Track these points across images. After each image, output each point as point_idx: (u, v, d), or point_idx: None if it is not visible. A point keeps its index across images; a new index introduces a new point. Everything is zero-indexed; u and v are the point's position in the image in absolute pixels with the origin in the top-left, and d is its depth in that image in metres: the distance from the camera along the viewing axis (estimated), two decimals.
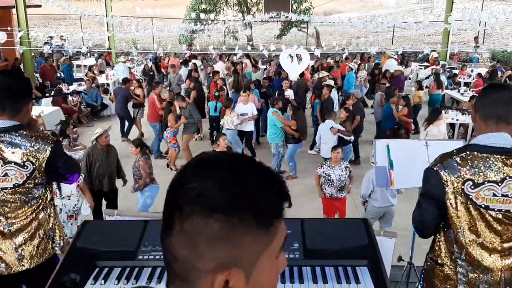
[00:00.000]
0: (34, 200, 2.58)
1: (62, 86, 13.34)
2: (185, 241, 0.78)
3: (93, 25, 25.77)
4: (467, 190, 2.11)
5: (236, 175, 0.79)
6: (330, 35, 26.15)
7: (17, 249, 2.58)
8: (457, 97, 13.17)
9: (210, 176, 0.79)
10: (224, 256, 0.77)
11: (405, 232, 4.83)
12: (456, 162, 2.13)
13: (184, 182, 0.80)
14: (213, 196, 0.77)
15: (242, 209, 0.77)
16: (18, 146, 2.43)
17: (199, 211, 0.77)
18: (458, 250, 2.24)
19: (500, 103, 2.10)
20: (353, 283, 2.15)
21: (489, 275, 2.20)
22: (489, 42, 24.23)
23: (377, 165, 4.12)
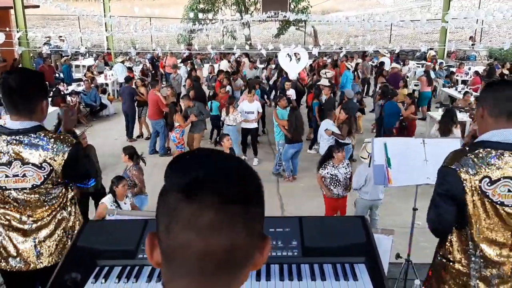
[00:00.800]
0: (53, 199, 2.59)
1: (61, 86, 13.35)
2: (246, 230, 0.82)
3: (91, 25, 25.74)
4: (484, 188, 2.12)
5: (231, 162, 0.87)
6: (328, 34, 26.17)
7: (36, 247, 2.60)
8: (455, 95, 13.21)
9: (213, 165, 0.84)
10: (261, 226, 0.86)
11: (403, 229, 4.87)
12: (472, 159, 2.13)
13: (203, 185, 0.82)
14: (231, 189, 0.82)
15: (250, 186, 0.84)
16: (36, 148, 2.43)
17: (240, 202, 0.81)
18: (473, 248, 2.25)
19: (510, 100, 2.12)
20: (351, 280, 2.17)
21: (500, 270, 2.23)
22: (486, 40, 24.27)
23: (375, 163, 4.15)
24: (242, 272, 0.84)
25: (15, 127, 2.44)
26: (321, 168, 6.25)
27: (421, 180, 4.00)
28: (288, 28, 24.80)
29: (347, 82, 12.91)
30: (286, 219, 2.87)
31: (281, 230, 2.45)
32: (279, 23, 24.28)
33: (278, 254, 2.32)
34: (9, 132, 2.44)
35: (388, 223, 6.44)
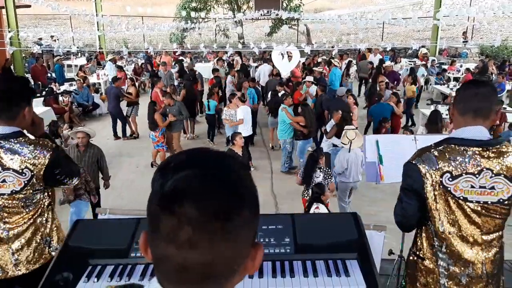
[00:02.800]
0: (32, 205, 2.56)
1: (53, 86, 13.28)
2: (229, 236, 0.79)
3: (83, 24, 25.64)
4: (446, 182, 2.15)
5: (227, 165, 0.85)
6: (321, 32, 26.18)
7: (13, 254, 2.58)
8: (447, 92, 13.29)
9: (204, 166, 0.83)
10: (253, 235, 0.85)
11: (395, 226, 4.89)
12: (434, 155, 2.18)
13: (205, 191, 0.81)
14: (247, 194, 0.84)
15: (246, 193, 0.83)
16: (17, 153, 2.41)
17: (244, 208, 0.81)
18: (438, 243, 2.28)
19: (476, 98, 2.15)
20: (343, 276, 2.18)
21: (470, 268, 2.24)
22: (477, 37, 24.42)
23: (367, 160, 4.17)
24: (230, 280, 0.83)
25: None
26: (306, 191, 6.15)
27: None
28: (280, 26, 24.72)
29: (335, 80, 12.93)
30: (279, 216, 2.88)
31: (274, 227, 2.46)
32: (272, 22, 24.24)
33: (271, 251, 2.33)
34: None
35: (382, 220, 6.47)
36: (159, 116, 8.78)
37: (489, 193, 2.13)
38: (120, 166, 9.08)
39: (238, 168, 0.84)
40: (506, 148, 2.13)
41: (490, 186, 2.12)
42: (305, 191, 6.09)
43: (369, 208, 7.15)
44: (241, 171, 0.83)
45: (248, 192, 0.82)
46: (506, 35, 22.05)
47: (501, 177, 2.11)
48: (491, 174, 2.11)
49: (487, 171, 2.11)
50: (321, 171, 5.97)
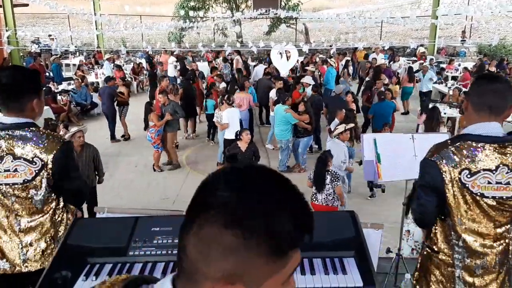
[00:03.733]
0: (44, 202, 2.57)
1: (51, 85, 13.26)
2: (198, 244, 0.79)
3: (81, 23, 25.59)
4: (464, 179, 2.17)
5: (267, 197, 0.79)
6: (319, 31, 26.21)
7: (23, 249, 2.58)
8: (445, 91, 13.31)
9: (242, 189, 0.79)
10: (231, 270, 0.77)
11: (395, 224, 4.91)
12: (452, 152, 2.18)
13: (216, 188, 0.80)
14: (237, 210, 0.77)
15: (260, 232, 0.76)
16: (28, 142, 2.43)
17: (221, 219, 0.77)
18: (455, 238, 2.30)
19: (493, 94, 2.15)
20: (340, 274, 2.19)
21: (484, 260, 2.28)
22: (475, 36, 24.45)
23: (365, 159, 4.18)
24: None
25: (7, 122, 2.45)
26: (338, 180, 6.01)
27: (410, 175, 4.02)
28: (279, 25, 24.78)
29: (331, 79, 12.95)
30: None
31: None
32: (270, 21, 24.27)
33: None
34: (1, 127, 2.44)
35: (380, 218, 6.49)
36: (155, 115, 8.76)
37: (505, 189, 2.16)
38: (118, 166, 9.07)
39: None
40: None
41: (506, 182, 2.14)
42: (314, 195, 5.94)
43: (367, 207, 7.17)
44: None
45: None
46: (503, 34, 22.10)
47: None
48: (507, 170, 2.13)
49: (504, 167, 2.13)
50: (328, 174, 5.86)
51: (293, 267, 0.83)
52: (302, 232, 0.81)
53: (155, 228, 2.49)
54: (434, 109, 8.18)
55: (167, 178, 8.46)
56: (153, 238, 2.43)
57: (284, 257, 0.80)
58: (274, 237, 0.77)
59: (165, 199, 7.69)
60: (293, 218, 0.79)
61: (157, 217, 2.70)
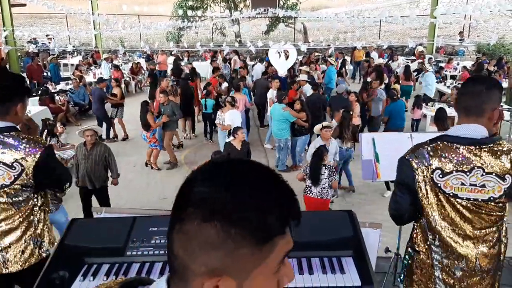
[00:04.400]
0: (22, 203, 2.56)
1: (49, 85, 13.24)
2: (182, 241, 0.79)
3: (79, 23, 25.54)
4: (436, 179, 2.18)
5: (245, 187, 0.79)
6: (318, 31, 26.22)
7: (2, 251, 2.57)
8: (444, 90, 13.32)
9: (218, 183, 0.79)
10: (216, 263, 0.77)
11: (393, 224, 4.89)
12: (427, 151, 2.21)
13: (193, 185, 0.81)
14: (216, 203, 0.77)
15: (241, 222, 0.76)
16: (8, 147, 2.42)
17: (199, 215, 0.77)
18: (431, 237, 2.32)
19: (471, 95, 2.17)
20: (338, 273, 2.19)
21: (463, 262, 2.26)
22: (474, 35, 24.47)
23: (363, 158, 4.18)
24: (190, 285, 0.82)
25: None
26: (335, 174, 6.12)
27: None
28: (277, 24, 24.79)
29: (333, 78, 12.96)
30: None
31: None
32: (269, 20, 24.27)
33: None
34: None
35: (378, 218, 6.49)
36: (150, 116, 8.75)
37: (480, 191, 2.15)
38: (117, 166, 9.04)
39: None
40: (500, 146, 2.13)
41: (481, 184, 2.13)
42: (307, 188, 6.05)
43: (365, 206, 7.17)
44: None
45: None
46: (502, 33, 22.11)
47: (492, 176, 2.11)
48: (482, 172, 2.12)
49: (478, 169, 2.12)
50: (326, 168, 5.96)
51: (281, 254, 0.81)
52: (285, 218, 0.80)
53: (153, 228, 2.49)
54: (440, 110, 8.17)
55: (165, 178, 8.45)
56: (151, 238, 2.43)
57: (269, 245, 0.79)
58: (254, 226, 0.76)
59: (164, 199, 7.69)
60: (274, 205, 0.79)
61: (155, 217, 2.70)
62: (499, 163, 2.11)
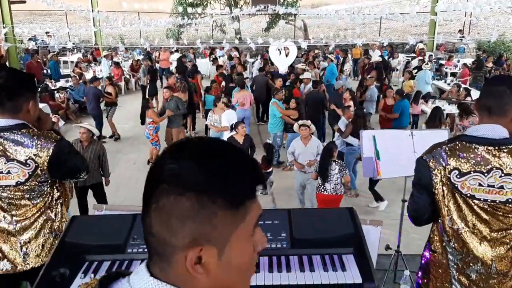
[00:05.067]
0: (39, 198, 2.56)
1: (49, 82, 13.21)
2: (160, 218, 0.82)
3: (79, 20, 25.49)
4: (453, 179, 2.15)
5: (210, 157, 0.84)
6: (318, 28, 26.18)
7: (22, 247, 2.57)
8: (444, 88, 13.30)
9: (186, 157, 0.84)
10: (196, 233, 0.81)
11: (394, 221, 4.91)
12: (445, 151, 2.17)
13: (163, 163, 0.84)
14: (187, 176, 0.81)
15: (213, 189, 0.81)
16: (21, 144, 2.42)
17: (173, 189, 0.81)
18: (447, 238, 2.29)
19: (492, 95, 2.14)
20: (339, 270, 2.19)
21: (479, 264, 2.23)
22: (474, 32, 24.43)
23: (364, 155, 4.17)
24: (172, 265, 0.84)
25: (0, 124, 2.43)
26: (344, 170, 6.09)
27: (410, 172, 3.97)
28: (277, 22, 24.75)
29: (332, 75, 12.95)
30: (275, 211, 2.89)
31: (270, 222, 2.46)
32: (269, 17, 24.22)
33: (267, 246, 2.33)
34: None
35: (380, 215, 6.50)
36: (153, 112, 8.73)
37: (498, 192, 2.11)
38: (117, 163, 9.05)
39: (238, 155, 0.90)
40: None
41: (499, 186, 2.10)
42: (321, 186, 6.02)
43: (366, 204, 7.18)
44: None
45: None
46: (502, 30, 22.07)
47: (511, 177, 2.08)
48: (501, 173, 2.09)
49: (497, 170, 2.09)
50: (336, 164, 5.98)
51: (254, 218, 0.87)
52: (252, 182, 0.87)
53: None
54: (437, 109, 8.15)
55: None
56: None
57: (242, 209, 0.84)
58: (226, 192, 0.82)
59: None
60: (241, 171, 0.85)
61: None
62: None
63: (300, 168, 6.59)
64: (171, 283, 0.84)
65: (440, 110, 8.04)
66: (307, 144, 6.62)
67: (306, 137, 6.69)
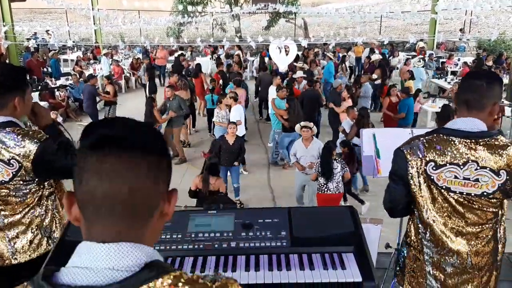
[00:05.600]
0: (26, 196, 2.51)
1: (49, 81, 13.21)
2: (130, 184, 0.90)
3: (79, 18, 25.48)
4: (429, 171, 2.16)
5: (136, 127, 0.96)
6: (318, 26, 26.15)
7: (10, 242, 2.56)
8: (444, 86, 13.29)
9: (120, 128, 0.94)
10: (165, 183, 0.96)
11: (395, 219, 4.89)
12: (422, 143, 2.19)
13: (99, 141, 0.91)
14: (137, 142, 0.92)
15: (152, 147, 0.95)
16: (4, 144, 2.35)
17: (127, 156, 0.90)
18: (423, 230, 2.30)
19: (471, 90, 2.15)
20: (339, 269, 2.19)
21: (454, 258, 2.24)
22: (475, 31, 24.40)
23: (364, 154, 4.17)
24: (150, 218, 0.94)
25: None
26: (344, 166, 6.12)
27: None
28: (278, 20, 24.73)
29: (330, 74, 12.96)
30: (275, 210, 2.88)
31: (270, 220, 2.46)
32: (269, 15, 24.21)
33: (267, 245, 2.33)
34: None
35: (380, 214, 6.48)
36: (157, 112, 8.74)
37: (473, 185, 2.12)
38: None
39: (150, 125, 1.01)
40: (497, 141, 2.10)
41: (474, 179, 2.11)
42: (324, 186, 5.96)
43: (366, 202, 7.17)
44: (150, 127, 0.99)
45: (159, 139, 0.97)
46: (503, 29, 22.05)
47: (486, 170, 2.09)
48: (476, 166, 2.09)
49: (473, 163, 2.10)
50: (337, 162, 5.98)
51: None
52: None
53: None
54: (446, 107, 8.13)
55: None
56: None
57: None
58: (160, 147, 0.96)
59: None
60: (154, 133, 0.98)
61: None
62: (494, 158, 2.08)
63: (301, 169, 6.56)
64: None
65: (450, 108, 8.04)
66: (308, 145, 6.59)
67: (308, 139, 6.64)
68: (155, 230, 0.98)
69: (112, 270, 0.86)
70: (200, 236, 2.40)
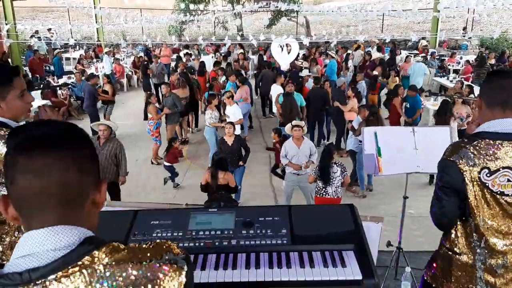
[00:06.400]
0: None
1: (51, 79, 13.22)
2: (67, 176, 0.99)
3: (81, 17, 25.48)
4: (484, 178, 2.13)
5: (55, 128, 1.04)
6: (320, 24, 26.10)
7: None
8: (447, 84, 13.26)
9: (45, 131, 1.02)
10: (95, 172, 1.07)
11: (396, 218, 4.91)
12: (470, 151, 2.14)
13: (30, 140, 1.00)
14: (61, 140, 1.01)
15: (76, 142, 1.04)
16: None
17: (59, 154, 0.99)
18: (477, 239, 2.25)
19: (505, 89, 2.12)
20: (340, 267, 2.19)
21: (505, 259, 2.23)
22: (477, 29, 24.32)
23: (365, 152, 4.17)
24: (81, 207, 1.02)
25: None
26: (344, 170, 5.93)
27: (411, 168, 4.03)
28: (280, 18, 24.68)
29: (332, 72, 12.95)
30: (276, 208, 2.89)
31: (271, 219, 2.46)
32: (271, 14, 24.18)
33: (268, 242, 2.33)
34: None
35: (380, 212, 6.50)
36: (153, 108, 8.77)
37: None
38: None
39: (70, 123, 1.09)
40: None
41: None
42: (322, 190, 5.82)
43: (367, 200, 7.18)
44: (72, 125, 1.08)
45: (80, 133, 1.07)
46: (505, 27, 21.98)
47: None
48: None
49: None
50: (337, 166, 5.79)
51: None
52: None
53: (154, 222, 2.49)
54: (445, 102, 8.12)
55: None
56: (153, 231, 2.43)
57: None
58: (78, 137, 1.06)
59: (165, 193, 7.72)
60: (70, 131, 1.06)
61: (156, 211, 2.70)
62: None
63: (297, 168, 6.29)
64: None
65: (449, 104, 8.03)
66: (300, 145, 6.36)
67: (299, 139, 6.39)
68: (90, 216, 1.06)
69: (54, 251, 0.94)
70: (201, 234, 2.41)
